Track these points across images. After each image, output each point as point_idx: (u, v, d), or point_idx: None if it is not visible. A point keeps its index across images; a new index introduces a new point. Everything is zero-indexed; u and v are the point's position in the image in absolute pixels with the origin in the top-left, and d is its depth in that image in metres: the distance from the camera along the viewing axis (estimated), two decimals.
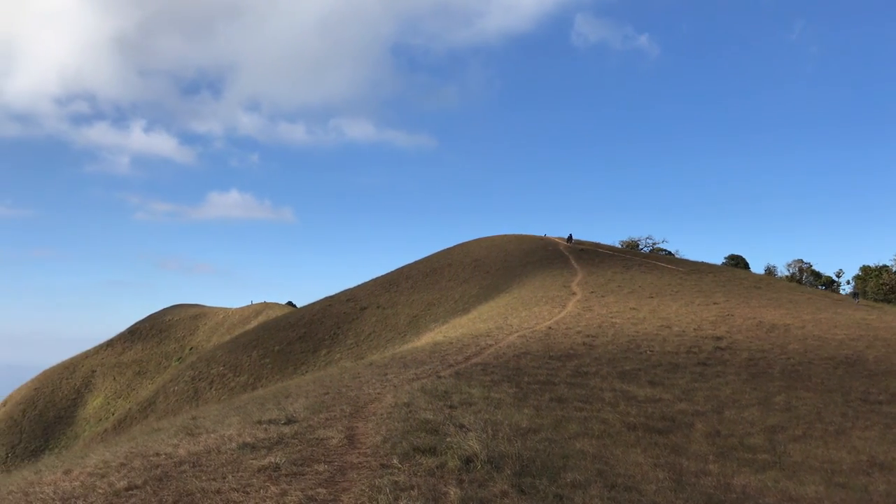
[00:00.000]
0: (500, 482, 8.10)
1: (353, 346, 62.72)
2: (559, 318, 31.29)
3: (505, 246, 79.70)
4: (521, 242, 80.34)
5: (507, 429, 11.18)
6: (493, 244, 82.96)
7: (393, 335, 60.87)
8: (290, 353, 65.67)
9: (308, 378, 23.07)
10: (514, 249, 75.84)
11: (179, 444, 10.46)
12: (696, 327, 27.88)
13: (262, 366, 64.85)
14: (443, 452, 9.06)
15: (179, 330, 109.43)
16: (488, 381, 16.72)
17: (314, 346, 65.80)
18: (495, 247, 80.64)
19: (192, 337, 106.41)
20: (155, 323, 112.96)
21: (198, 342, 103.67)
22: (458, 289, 65.08)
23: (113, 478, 8.63)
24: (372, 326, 65.89)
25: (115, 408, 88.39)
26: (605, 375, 18.90)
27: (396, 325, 63.29)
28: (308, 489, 7.67)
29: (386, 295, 73.68)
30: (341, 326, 68.61)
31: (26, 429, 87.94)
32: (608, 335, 25.76)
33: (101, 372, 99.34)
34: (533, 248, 74.63)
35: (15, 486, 9.24)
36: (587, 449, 11.12)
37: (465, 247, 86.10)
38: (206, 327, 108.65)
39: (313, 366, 60.32)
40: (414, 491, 7.51)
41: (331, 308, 74.64)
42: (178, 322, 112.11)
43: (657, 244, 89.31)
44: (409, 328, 60.29)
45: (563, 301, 37.88)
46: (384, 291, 75.24)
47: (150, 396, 71.80)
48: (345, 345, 64.05)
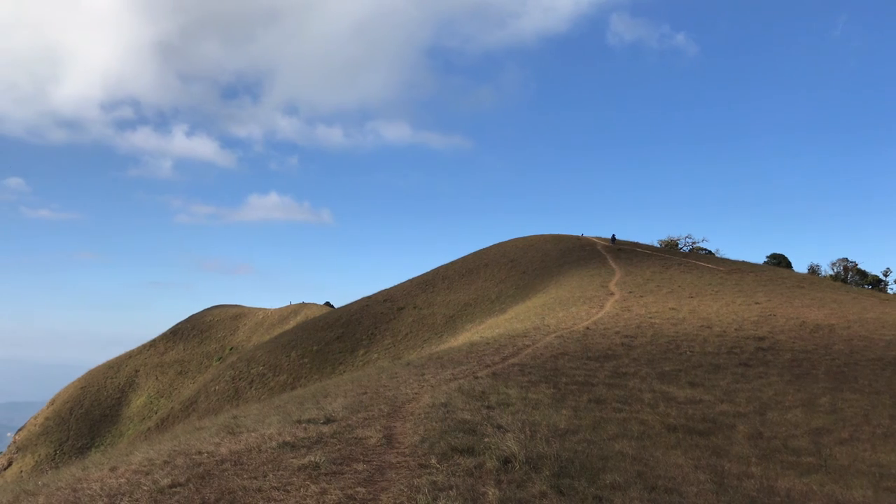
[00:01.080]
0: (538, 483, 8.07)
1: (391, 347, 63.01)
2: (597, 318, 31.03)
3: (541, 246, 79.31)
4: (557, 242, 79.86)
5: (545, 430, 11.12)
6: (530, 244, 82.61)
7: (430, 335, 61.00)
8: (329, 353, 66.24)
9: (346, 378, 23.25)
10: (550, 249, 75.43)
11: (221, 442, 10.62)
12: (737, 327, 27.40)
13: (301, 365, 65.52)
14: (481, 453, 9.06)
15: (220, 330, 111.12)
16: (526, 382, 16.66)
17: (352, 346, 66.27)
18: (531, 247, 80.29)
19: (233, 337, 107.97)
20: (196, 323, 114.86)
21: (238, 342, 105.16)
22: (495, 289, 64.95)
23: (157, 475, 8.80)
24: (409, 327, 66.12)
25: (157, 407, 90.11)
26: (644, 376, 18.69)
27: (433, 326, 63.42)
28: (347, 488, 7.73)
29: (422, 295, 73.86)
30: (378, 326, 68.98)
31: (73, 427, 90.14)
32: (647, 336, 25.47)
33: (144, 371, 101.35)
34: (570, 247, 74.14)
35: (64, 482, 9.49)
36: (626, 450, 11.01)
37: (501, 247, 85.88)
38: (245, 327, 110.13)
39: (351, 365, 60.76)
40: (452, 491, 7.52)
41: (368, 308, 75.08)
42: (219, 322, 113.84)
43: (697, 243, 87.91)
44: (446, 328, 60.36)
45: (601, 301, 37.55)
46: (421, 292, 75.44)
47: (192, 396, 73.04)
48: (382, 345, 64.38)
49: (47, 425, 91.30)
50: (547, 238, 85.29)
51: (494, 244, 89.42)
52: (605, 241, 79.50)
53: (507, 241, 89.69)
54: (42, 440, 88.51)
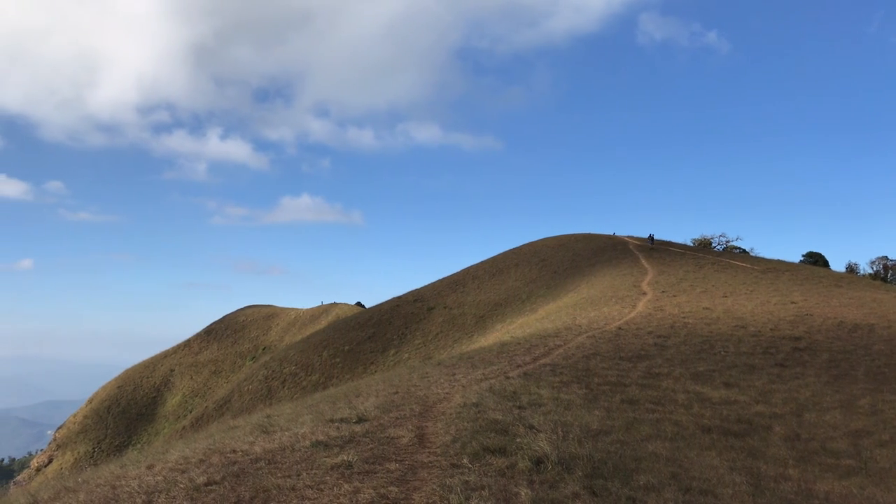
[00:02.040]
0: (571, 484, 8.02)
1: (421, 346, 63.16)
2: (629, 318, 30.76)
3: (572, 245, 78.86)
4: (588, 241, 79.36)
5: (577, 430, 11.06)
6: (560, 243, 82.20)
7: (460, 335, 61.01)
8: (360, 353, 66.61)
9: (377, 377, 23.35)
10: (581, 248, 74.97)
11: (255, 441, 10.75)
12: (772, 327, 26.96)
13: (333, 365, 65.99)
14: (513, 453, 9.04)
15: (253, 330, 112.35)
16: (557, 382, 16.58)
17: (383, 346, 66.57)
18: (562, 246, 79.89)
19: (265, 337, 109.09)
20: (229, 323, 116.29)
21: (270, 342, 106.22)
22: (525, 289, 64.75)
23: (193, 473, 8.93)
24: (439, 326, 66.22)
25: (192, 406, 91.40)
26: (677, 377, 18.49)
27: (463, 325, 63.42)
28: (380, 487, 7.77)
29: (453, 295, 73.91)
30: (409, 326, 69.19)
31: (111, 425, 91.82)
32: (680, 336, 25.18)
33: (179, 371, 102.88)
34: (601, 246, 73.62)
35: (103, 479, 9.67)
36: (660, 451, 10.89)
37: (531, 246, 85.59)
38: (278, 327, 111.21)
39: (382, 365, 61.04)
40: (485, 491, 7.51)
41: (399, 308, 75.35)
42: (252, 322, 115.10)
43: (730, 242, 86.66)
44: (476, 328, 60.32)
45: (634, 301, 37.23)
46: (451, 292, 75.50)
47: (226, 395, 73.96)
48: (413, 345, 64.57)
49: (86, 423, 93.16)
50: (578, 237, 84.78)
51: (525, 244, 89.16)
52: (638, 239, 78.77)
53: (538, 240, 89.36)
54: (81, 438, 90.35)
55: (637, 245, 72.22)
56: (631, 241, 77.67)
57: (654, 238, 76.06)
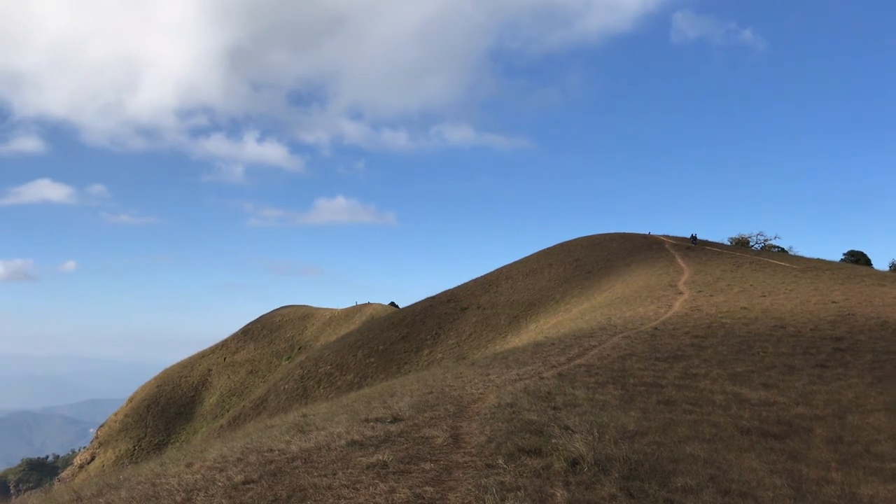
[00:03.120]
0: (607, 485, 7.95)
1: (455, 346, 63.21)
2: (665, 318, 30.41)
3: (607, 244, 78.24)
4: (624, 241, 78.66)
5: (613, 431, 10.96)
6: (595, 243, 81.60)
7: (494, 335, 60.93)
8: (394, 353, 66.90)
9: (412, 377, 23.42)
10: (616, 248, 74.34)
11: (291, 440, 10.86)
12: (812, 328, 26.43)
13: (367, 365, 66.37)
14: (548, 454, 8.99)
15: (288, 330, 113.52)
16: (592, 383, 16.45)
17: (417, 346, 66.77)
18: (597, 245, 79.30)
19: (301, 337, 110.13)
20: (266, 324, 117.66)
21: (306, 342, 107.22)
22: (559, 289, 64.41)
23: (231, 472, 9.06)
24: (472, 327, 66.20)
25: (229, 405, 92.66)
26: (715, 377, 18.22)
27: (497, 326, 63.31)
28: (415, 487, 7.79)
29: (486, 295, 73.84)
30: (443, 326, 69.30)
31: (150, 423, 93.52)
32: (718, 336, 24.82)
33: (217, 371, 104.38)
34: (637, 246, 72.91)
35: (143, 476, 9.86)
36: (698, 453, 10.74)
37: (565, 246, 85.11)
38: (313, 327, 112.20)
39: (416, 365, 61.22)
40: (520, 492, 7.48)
41: (432, 308, 75.50)
42: (287, 322, 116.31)
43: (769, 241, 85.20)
44: (510, 328, 60.18)
45: (670, 301, 36.80)
46: (484, 292, 75.42)
47: (262, 394, 74.84)
48: (446, 345, 64.65)
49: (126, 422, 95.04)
50: (613, 236, 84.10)
51: (559, 243, 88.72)
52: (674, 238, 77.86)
53: (572, 239, 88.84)
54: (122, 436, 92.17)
55: (673, 244, 71.37)
56: (667, 239, 76.78)
57: (696, 238, 74.71)
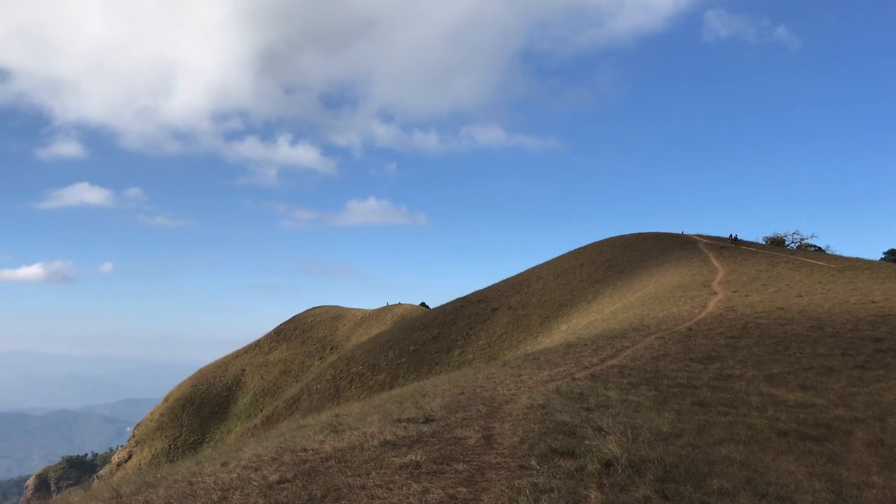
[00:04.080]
0: (642, 487, 7.89)
1: (486, 347, 63.14)
2: (700, 318, 30.06)
3: (639, 244, 77.54)
4: (656, 240, 77.89)
5: (647, 433, 10.87)
6: (627, 243, 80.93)
7: (525, 336, 60.74)
8: (425, 353, 67.04)
9: (443, 378, 23.45)
10: (649, 248, 73.64)
11: (325, 440, 10.95)
12: (851, 328, 25.90)
13: (399, 365, 66.59)
14: (581, 455, 8.95)
15: (320, 330, 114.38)
16: (626, 384, 16.32)
17: (447, 347, 66.82)
18: (629, 245, 78.64)
19: (333, 337, 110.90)
20: (298, 324, 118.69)
21: (337, 342, 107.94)
22: (591, 289, 63.98)
23: (266, 471, 9.16)
24: (503, 327, 66.07)
25: (262, 404, 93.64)
26: (750, 379, 17.96)
27: (528, 326, 63.11)
28: (449, 487, 7.81)
29: (517, 296, 73.64)
30: (473, 327, 69.26)
31: (185, 423, 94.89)
32: (753, 336, 24.46)
33: (250, 370, 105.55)
34: (670, 245, 72.15)
35: (180, 475, 10.01)
36: (734, 455, 10.60)
37: (597, 246, 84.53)
38: (344, 328, 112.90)
39: (447, 366, 61.26)
40: (554, 493, 7.46)
41: (463, 309, 75.50)
42: (319, 323, 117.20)
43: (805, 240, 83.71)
44: (541, 329, 59.94)
45: (704, 301, 36.36)
46: (515, 292, 75.23)
47: (295, 394, 75.50)
48: (477, 345, 64.61)
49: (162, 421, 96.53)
50: (645, 236, 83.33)
51: (590, 243, 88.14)
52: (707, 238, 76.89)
53: (604, 239, 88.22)
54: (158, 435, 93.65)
55: (707, 244, 70.47)
56: (701, 239, 75.86)
57: (737, 238, 72.97)
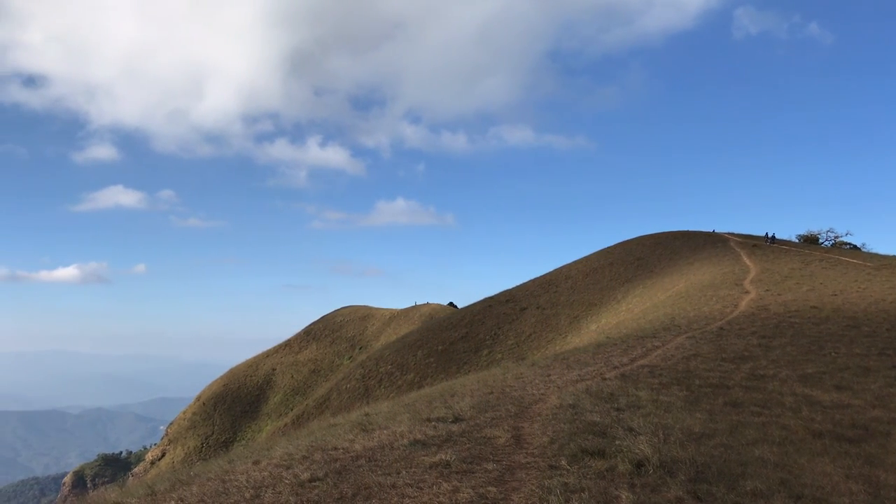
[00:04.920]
0: (674, 488, 7.82)
1: (514, 347, 62.99)
2: (731, 317, 29.68)
3: (670, 243, 76.80)
4: (687, 239, 77.08)
5: (678, 433, 10.76)
6: (657, 241, 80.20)
7: (553, 336, 60.49)
8: (453, 353, 67.05)
9: (472, 377, 23.43)
10: (679, 246, 72.91)
11: (355, 439, 11.02)
12: (889, 327, 25.40)
13: (427, 365, 66.69)
14: (612, 455, 8.89)
15: (349, 330, 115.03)
16: (656, 384, 16.17)
17: (476, 346, 66.77)
18: (659, 244, 77.92)
19: (361, 337, 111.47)
20: (327, 324, 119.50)
21: (366, 341, 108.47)
22: (621, 288, 63.51)
23: (297, 469, 9.25)
24: (532, 327, 65.85)
25: (293, 403, 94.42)
26: (784, 379, 17.69)
27: (557, 326, 62.83)
28: (479, 487, 7.81)
29: (545, 295, 73.35)
30: (502, 327, 69.12)
31: (217, 421, 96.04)
32: (786, 336, 24.09)
33: (281, 370, 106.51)
34: (700, 244, 71.36)
35: (213, 473, 10.14)
36: (767, 456, 10.45)
37: (626, 245, 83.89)
38: (373, 327, 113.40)
39: (475, 365, 61.21)
40: (584, 493, 7.42)
41: (491, 309, 75.40)
42: (348, 323, 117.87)
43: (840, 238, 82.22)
44: (570, 329, 59.64)
45: (735, 300, 35.90)
46: (543, 292, 74.94)
47: (325, 393, 76.02)
48: (505, 345, 64.48)
49: (194, 420, 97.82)
50: (676, 235, 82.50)
51: (620, 242, 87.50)
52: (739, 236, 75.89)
53: (633, 238, 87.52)
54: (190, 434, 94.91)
55: (739, 242, 69.56)
56: (732, 237, 74.91)
57: (774, 237, 71.48)
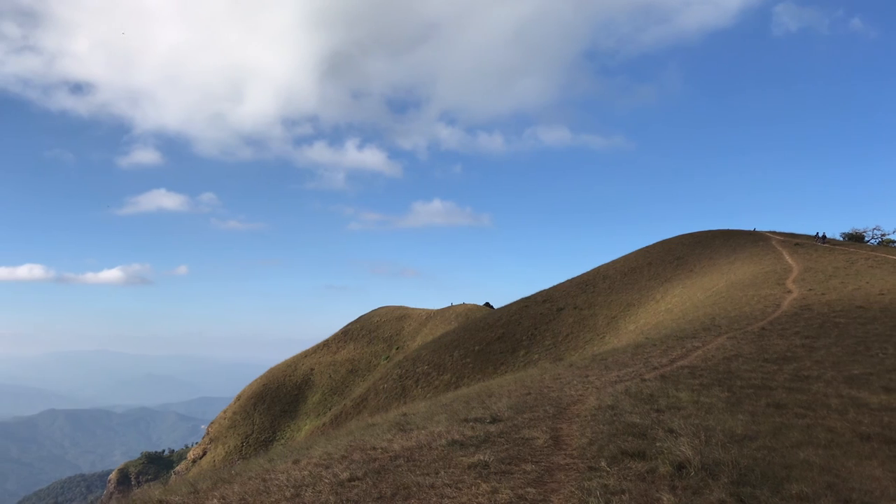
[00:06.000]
0: (716, 490, 7.69)
1: (551, 347, 62.63)
2: (773, 317, 29.13)
3: (709, 242, 75.69)
4: (727, 238, 75.88)
5: (720, 435, 10.59)
6: (697, 240, 79.10)
7: (591, 336, 60.01)
8: (490, 353, 66.93)
9: (509, 378, 23.37)
10: (719, 245, 71.81)
11: (393, 439, 11.07)
12: None
13: (464, 365, 66.67)
14: (653, 457, 8.79)
15: (386, 330, 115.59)
16: (697, 385, 15.95)
17: (512, 347, 66.55)
18: (699, 243, 76.84)
19: (398, 337, 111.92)
20: (365, 324, 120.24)
21: (403, 342, 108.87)
22: (660, 288, 62.77)
23: (336, 469, 9.33)
24: (569, 327, 65.41)
25: (331, 403, 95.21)
26: (829, 380, 17.29)
27: (595, 326, 62.33)
28: (518, 488, 7.78)
29: (583, 296, 72.81)
30: (538, 327, 68.79)
31: (257, 421, 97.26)
32: (831, 336, 23.56)
33: (319, 370, 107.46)
34: (741, 243, 70.19)
35: (254, 472, 10.29)
36: (813, 459, 10.23)
37: (665, 244, 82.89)
38: (410, 328, 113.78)
39: (512, 366, 61.02)
40: (625, 495, 7.35)
41: (527, 309, 75.09)
42: (385, 323, 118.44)
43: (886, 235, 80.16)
44: (608, 329, 59.12)
45: (778, 299, 35.22)
46: (581, 292, 74.40)
47: (363, 393, 76.48)
48: (542, 345, 64.14)
49: (234, 419, 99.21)
50: (715, 233, 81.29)
51: (658, 241, 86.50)
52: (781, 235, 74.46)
53: (672, 237, 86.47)
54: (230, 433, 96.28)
55: (781, 240, 68.25)
56: (774, 236, 73.53)
57: (825, 236, 69.46)
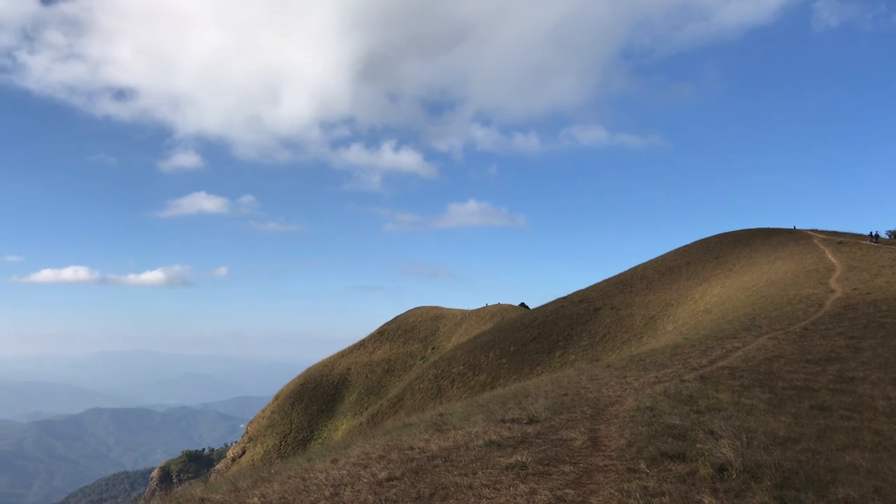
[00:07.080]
0: (758, 493, 7.57)
1: (588, 348, 62.17)
2: (816, 317, 28.53)
3: (749, 241, 74.46)
4: (767, 237, 74.57)
5: (762, 437, 10.41)
6: (737, 239, 77.87)
7: (629, 336, 59.43)
8: (526, 354, 66.69)
9: (545, 378, 23.27)
10: (760, 244, 70.59)
11: (430, 439, 11.10)
12: None
13: (500, 365, 66.53)
14: (693, 459, 8.68)
15: (422, 331, 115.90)
16: (737, 386, 15.70)
17: (548, 347, 66.22)
18: (738, 242, 75.64)
19: (434, 337, 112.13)
20: (400, 324, 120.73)
21: (438, 342, 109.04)
22: (698, 288, 61.92)
23: (374, 468, 9.38)
24: (606, 328, 64.86)
25: (368, 403, 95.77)
26: (875, 382, 16.88)
27: (632, 327, 61.71)
28: (556, 489, 7.75)
29: (620, 296, 72.15)
30: (575, 328, 68.34)
31: (294, 420, 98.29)
32: (877, 337, 22.99)
33: (355, 370, 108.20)
34: (782, 242, 68.92)
35: (293, 471, 10.40)
36: (859, 462, 9.99)
37: (704, 243, 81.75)
38: (445, 328, 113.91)
39: (548, 366, 60.72)
40: (665, 497, 7.27)
41: (563, 309, 74.65)
42: (421, 323, 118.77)
43: None
44: (646, 329, 58.50)
45: (820, 299, 34.49)
46: (618, 292, 73.74)
47: (399, 393, 76.78)
48: (579, 346, 63.71)
49: (273, 419, 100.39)
50: (755, 232, 79.94)
51: (697, 240, 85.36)
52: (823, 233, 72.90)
53: (711, 236, 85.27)
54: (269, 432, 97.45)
55: (823, 239, 66.83)
56: (815, 234, 72.04)
57: (878, 236, 67.49)
